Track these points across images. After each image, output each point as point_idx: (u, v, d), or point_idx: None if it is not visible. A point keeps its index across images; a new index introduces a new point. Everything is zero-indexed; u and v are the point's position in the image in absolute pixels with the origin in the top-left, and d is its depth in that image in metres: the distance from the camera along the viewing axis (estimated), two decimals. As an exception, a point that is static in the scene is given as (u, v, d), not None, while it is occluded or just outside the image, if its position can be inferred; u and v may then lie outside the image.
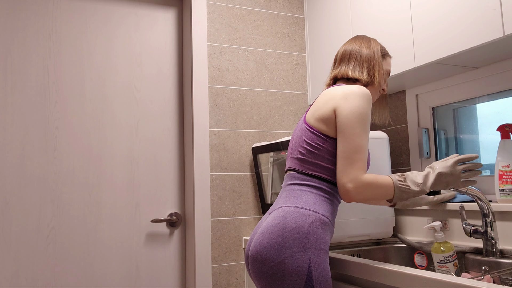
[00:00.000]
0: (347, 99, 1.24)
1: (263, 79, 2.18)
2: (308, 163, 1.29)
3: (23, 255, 1.77)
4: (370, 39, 1.46)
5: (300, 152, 1.31)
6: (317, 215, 1.22)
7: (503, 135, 1.53)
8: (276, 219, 1.23)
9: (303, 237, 1.18)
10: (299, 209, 1.23)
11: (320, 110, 1.30)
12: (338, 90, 1.29)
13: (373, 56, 1.42)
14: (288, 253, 1.17)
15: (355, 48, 1.44)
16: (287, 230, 1.19)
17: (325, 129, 1.28)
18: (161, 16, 2.11)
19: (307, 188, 1.27)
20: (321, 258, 1.18)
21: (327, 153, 1.27)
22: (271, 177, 2.00)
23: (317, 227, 1.21)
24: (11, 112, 1.81)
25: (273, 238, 1.19)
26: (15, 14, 1.85)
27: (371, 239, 1.80)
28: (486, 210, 1.42)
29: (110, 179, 1.93)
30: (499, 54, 1.51)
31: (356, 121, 1.22)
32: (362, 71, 1.40)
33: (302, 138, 1.32)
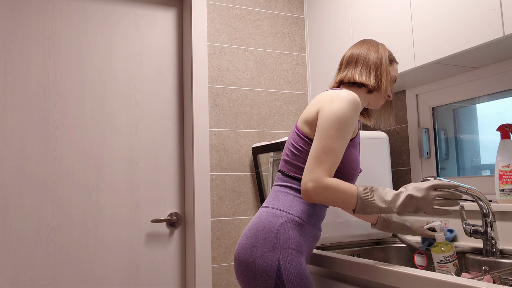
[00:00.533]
0: (332, 102, 1.22)
1: (263, 79, 2.18)
2: (291, 165, 1.29)
3: (23, 255, 1.77)
4: (378, 44, 1.43)
5: (286, 153, 1.32)
6: (289, 216, 1.22)
7: (503, 135, 1.53)
8: (254, 220, 1.26)
9: (272, 237, 1.19)
10: (273, 209, 1.24)
11: (306, 112, 1.30)
12: (327, 93, 1.28)
13: (381, 61, 1.39)
14: (258, 253, 1.18)
15: (363, 52, 1.41)
16: (260, 230, 1.21)
17: (308, 131, 1.27)
18: (161, 16, 2.11)
19: (286, 189, 1.28)
20: (292, 257, 1.18)
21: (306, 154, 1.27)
22: (271, 177, 2.00)
23: (288, 228, 1.21)
24: (11, 112, 1.81)
25: (248, 239, 1.23)
26: (15, 14, 1.85)
27: (371, 239, 1.80)
28: (486, 210, 1.42)
29: (110, 179, 1.93)
30: (499, 54, 1.51)
31: (333, 123, 1.19)
32: (369, 75, 1.37)
33: (289, 141, 1.33)
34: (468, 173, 1.82)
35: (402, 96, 2.05)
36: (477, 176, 1.73)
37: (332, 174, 1.17)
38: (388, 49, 1.44)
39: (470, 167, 1.82)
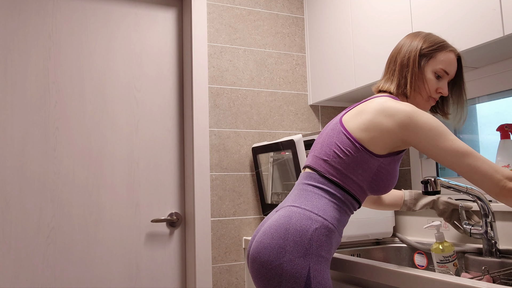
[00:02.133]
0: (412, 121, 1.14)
1: (263, 79, 2.18)
2: (331, 168, 1.20)
3: (23, 255, 1.77)
4: (418, 36, 1.29)
5: (327, 153, 1.22)
6: (324, 222, 1.15)
7: (503, 135, 1.53)
8: (281, 218, 1.16)
9: (305, 242, 1.12)
10: (306, 211, 1.16)
11: (369, 121, 1.18)
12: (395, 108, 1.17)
13: (407, 60, 1.26)
14: (287, 257, 1.11)
15: (395, 53, 1.31)
16: (290, 232, 1.13)
17: (366, 140, 1.18)
18: (161, 16, 2.11)
19: (321, 191, 1.20)
20: (322, 266, 1.12)
21: (355, 163, 1.18)
22: (271, 177, 2.00)
23: (322, 234, 1.14)
24: (11, 112, 1.81)
25: (274, 239, 1.13)
26: (15, 14, 1.86)
27: (371, 239, 1.80)
28: (486, 210, 1.42)
29: (110, 179, 1.93)
30: (499, 54, 1.51)
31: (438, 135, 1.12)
32: (393, 81, 1.28)
33: (333, 141, 1.22)
34: (468, 173, 1.82)
35: (402, 96, 2.05)
36: (477, 176, 1.72)
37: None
38: (432, 39, 1.28)
39: (470, 167, 1.82)
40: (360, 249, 1.75)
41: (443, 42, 1.28)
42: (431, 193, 1.38)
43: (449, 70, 1.26)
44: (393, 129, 1.16)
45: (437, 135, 1.12)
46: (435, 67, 1.25)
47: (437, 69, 1.25)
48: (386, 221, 1.80)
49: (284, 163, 1.98)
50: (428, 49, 1.26)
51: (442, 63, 1.25)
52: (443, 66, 1.25)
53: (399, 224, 1.93)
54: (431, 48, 1.26)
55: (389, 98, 1.21)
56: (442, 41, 1.28)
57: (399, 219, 1.94)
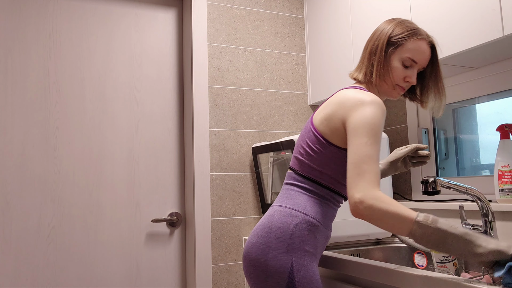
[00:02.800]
0: (358, 109, 1.13)
1: (263, 79, 2.18)
2: (305, 165, 1.24)
3: (24, 255, 1.77)
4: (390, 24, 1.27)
5: (300, 152, 1.26)
6: (304, 217, 1.18)
7: (502, 135, 1.53)
8: (266, 218, 1.22)
9: (287, 238, 1.15)
10: (287, 209, 1.20)
11: (327, 112, 1.21)
12: (350, 96, 1.18)
13: (376, 48, 1.25)
14: (272, 254, 1.15)
15: (368, 40, 1.30)
16: (273, 230, 1.17)
17: (327, 133, 1.20)
18: (161, 16, 2.12)
19: (300, 189, 1.23)
20: (305, 260, 1.15)
21: (326, 159, 1.20)
22: (271, 177, 2.01)
23: (303, 229, 1.17)
24: (11, 112, 1.81)
25: (259, 238, 1.18)
26: (16, 14, 1.86)
27: (371, 239, 1.80)
28: (485, 210, 1.43)
29: (111, 179, 1.94)
30: (499, 54, 1.51)
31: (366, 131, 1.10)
32: (361, 69, 1.28)
33: (304, 138, 1.26)
34: (467, 173, 1.83)
35: (402, 96, 2.06)
36: (476, 176, 1.73)
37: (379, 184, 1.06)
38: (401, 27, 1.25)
39: (470, 167, 1.83)
40: (360, 249, 1.75)
41: (414, 29, 1.24)
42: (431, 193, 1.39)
43: (418, 59, 1.23)
44: (342, 117, 1.17)
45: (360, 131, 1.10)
46: (402, 56, 1.23)
47: (404, 57, 1.22)
48: (386, 221, 1.80)
49: (284, 163, 1.98)
50: (397, 37, 1.23)
51: (410, 51, 1.22)
52: (410, 55, 1.22)
53: (399, 224, 1.93)
54: (399, 36, 1.23)
55: (353, 89, 1.21)
56: (413, 29, 1.24)
57: (399, 219, 1.94)
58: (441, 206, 1.73)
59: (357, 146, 1.09)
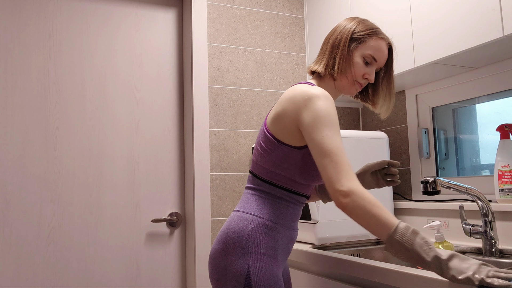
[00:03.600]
0: (308, 106, 1.13)
1: (263, 79, 2.18)
2: (261, 168, 1.23)
3: (24, 255, 1.77)
4: (352, 21, 1.29)
5: (256, 154, 1.25)
6: (260, 220, 1.18)
7: (502, 135, 1.53)
8: (225, 224, 1.23)
9: (243, 243, 1.15)
10: (243, 214, 1.20)
11: (279, 113, 1.20)
12: (298, 95, 1.16)
13: (338, 42, 1.25)
14: (230, 259, 1.16)
15: (329, 34, 1.30)
16: (230, 235, 1.18)
17: (277, 132, 1.19)
18: (161, 16, 2.12)
19: (257, 192, 1.23)
20: (263, 263, 1.14)
21: (278, 159, 1.19)
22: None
23: (259, 233, 1.17)
24: (11, 112, 1.81)
25: (219, 244, 1.20)
26: (16, 14, 1.86)
27: (371, 239, 1.80)
28: (485, 210, 1.43)
29: (111, 179, 1.94)
30: (499, 54, 1.51)
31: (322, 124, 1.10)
32: (322, 62, 1.28)
33: (259, 140, 1.25)
34: (467, 173, 1.83)
35: (402, 96, 2.06)
36: (476, 176, 1.73)
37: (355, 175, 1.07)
38: (364, 25, 1.27)
39: (470, 167, 1.83)
40: (360, 249, 1.75)
41: (376, 28, 1.27)
42: (431, 193, 1.39)
43: (378, 57, 1.26)
44: (292, 114, 1.15)
45: (317, 125, 1.09)
46: (364, 52, 1.25)
47: (366, 54, 1.25)
48: (386, 221, 1.80)
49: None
50: (360, 33, 1.25)
51: (371, 48, 1.25)
52: (372, 52, 1.25)
53: (399, 224, 1.93)
54: (363, 33, 1.25)
55: (300, 84, 1.20)
56: (375, 28, 1.28)
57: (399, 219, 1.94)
58: (441, 206, 1.73)
59: (321, 140, 1.08)
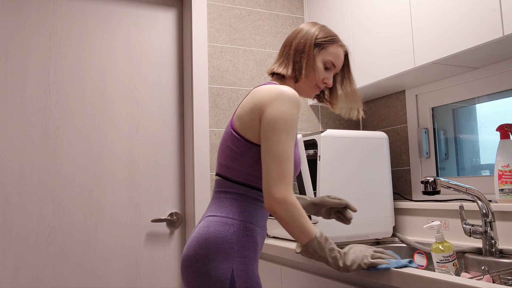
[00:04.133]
0: (273, 104, 1.16)
1: (263, 79, 2.18)
2: (233, 170, 1.24)
3: (24, 255, 1.77)
4: (314, 26, 1.34)
5: (225, 157, 1.25)
6: (240, 223, 1.19)
7: (502, 135, 1.53)
8: (201, 229, 1.20)
9: (226, 247, 1.16)
10: (222, 218, 1.20)
11: (247, 114, 1.22)
12: (265, 91, 1.20)
13: (303, 47, 1.30)
14: (212, 264, 1.14)
15: (291, 37, 1.35)
16: (211, 241, 1.16)
17: (248, 133, 1.21)
18: (161, 16, 2.12)
19: (231, 195, 1.23)
20: (246, 265, 1.17)
21: (251, 159, 1.21)
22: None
23: (242, 235, 1.18)
24: (11, 112, 1.81)
25: (197, 250, 1.17)
26: (16, 14, 1.86)
27: (371, 239, 1.80)
28: (485, 210, 1.43)
29: (111, 179, 1.94)
30: (499, 54, 1.51)
31: (281, 128, 1.14)
32: (288, 65, 1.31)
33: (227, 143, 1.25)
34: (467, 173, 1.83)
35: (402, 96, 2.06)
36: (476, 176, 1.73)
37: (292, 184, 1.15)
38: (326, 31, 1.34)
39: (470, 167, 1.83)
40: (360, 249, 1.75)
41: (335, 36, 1.35)
42: (431, 193, 1.39)
43: (336, 63, 1.33)
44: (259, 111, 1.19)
45: (277, 127, 1.14)
46: (325, 58, 1.31)
47: (327, 60, 1.31)
48: (386, 221, 1.80)
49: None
50: (322, 40, 1.31)
51: (332, 55, 1.32)
52: (332, 58, 1.32)
53: (399, 224, 1.94)
54: (324, 39, 1.31)
55: (269, 84, 1.24)
56: (335, 35, 1.35)
57: (399, 219, 1.94)
58: (441, 206, 1.73)
59: (275, 143, 1.13)
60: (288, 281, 1.64)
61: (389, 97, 2.13)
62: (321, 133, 1.72)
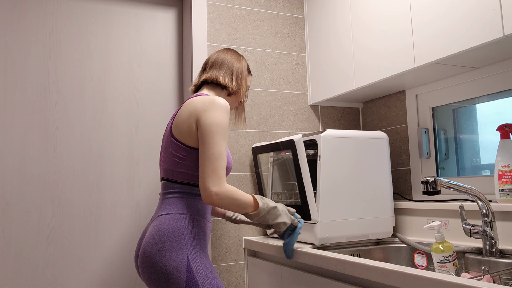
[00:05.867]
0: (208, 111, 1.37)
1: (263, 79, 2.18)
2: (177, 173, 1.42)
3: (24, 255, 1.77)
4: (240, 56, 1.65)
5: (169, 163, 1.44)
6: (190, 217, 1.38)
7: (502, 135, 1.53)
8: (155, 228, 1.36)
9: (179, 238, 1.33)
10: (173, 215, 1.38)
11: (184, 123, 1.41)
12: (199, 101, 1.40)
13: (242, 70, 1.61)
14: (168, 255, 1.31)
15: (227, 58, 1.60)
16: (165, 235, 1.33)
17: (187, 140, 1.40)
18: (161, 16, 2.11)
19: (178, 195, 1.41)
20: (198, 252, 1.35)
21: (193, 162, 1.40)
22: (271, 177, 2.00)
23: (192, 227, 1.37)
24: (11, 112, 1.81)
25: (154, 246, 1.33)
26: (15, 14, 1.86)
27: (371, 239, 1.80)
28: (485, 210, 1.43)
29: (110, 179, 1.94)
30: (499, 54, 1.51)
31: (216, 131, 1.35)
32: (231, 80, 1.57)
33: (169, 150, 1.44)
34: (468, 173, 1.83)
35: (402, 96, 2.06)
36: (477, 176, 1.73)
37: (225, 177, 1.34)
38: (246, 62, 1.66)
39: (470, 167, 1.83)
40: (360, 249, 1.75)
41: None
42: (431, 193, 1.39)
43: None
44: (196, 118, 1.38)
45: (212, 131, 1.35)
46: (248, 83, 1.66)
47: (248, 84, 1.67)
48: (386, 221, 1.80)
49: (284, 163, 1.98)
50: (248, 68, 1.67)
51: (249, 81, 1.69)
52: (249, 84, 1.69)
53: (399, 224, 1.94)
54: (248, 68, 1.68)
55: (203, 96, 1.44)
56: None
57: (399, 219, 1.94)
58: (441, 206, 1.73)
59: (211, 144, 1.33)
60: (288, 281, 1.64)
61: (389, 97, 2.13)
62: (321, 133, 1.71)
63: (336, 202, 1.70)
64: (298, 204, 1.76)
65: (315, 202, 1.67)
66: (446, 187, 1.40)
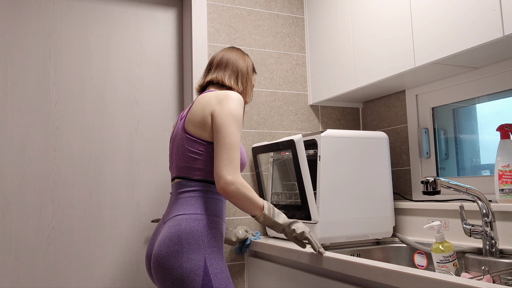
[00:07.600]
0: (222, 103, 1.37)
1: (263, 79, 2.18)
2: (193, 169, 1.40)
3: (23, 255, 1.77)
4: (245, 54, 1.62)
5: (185, 160, 1.41)
6: (208, 218, 1.35)
7: (502, 135, 1.53)
8: (171, 228, 1.33)
9: (198, 240, 1.30)
10: (191, 215, 1.34)
11: (195, 116, 1.40)
12: (212, 96, 1.40)
13: (247, 71, 1.59)
14: (185, 257, 1.28)
15: (232, 58, 1.58)
16: (183, 236, 1.30)
17: (203, 134, 1.39)
18: (161, 16, 2.11)
19: (194, 193, 1.39)
20: (215, 254, 1.32)
21: (209, 157, 1.39)
22: (271, 177, 2.00)
23: (210, 228, 1.34)
24: (11, 112, 1.81)
25: (170, 247, 1.29)
26: (15, 14, 1.86)
27: (371, 239, 1.80)
28: (485, 210, 1.43)
29: (110, 179, 1.93)
30: (499, 54, 1.51)
31: (231, 121, 1.34)
32: (237, 81, 1.55)
33: (184, 147, 1.41)
34: (468, 173, 1.83)
35: (402, 96, 2.06)
36: (477, 176, 1.73)
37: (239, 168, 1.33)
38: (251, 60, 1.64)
39: (470, 167, 1.83)
40: (360, 249, 1.75)
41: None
42: (431, 193, 1.39)
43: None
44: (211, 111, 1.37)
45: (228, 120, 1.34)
46: (253, 82, 1.64)
47: (253, 84, 1.64)
48: (386, 221, 1.80)
49: (284, 163, 1.98)
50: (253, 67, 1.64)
51: (254, 80, 1.66)
52: (254, 83, 1.65)
53: (399, 224, 1.94)
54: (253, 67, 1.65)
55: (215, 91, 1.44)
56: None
57: (399, 219, 1.94)
58: (441, 206, 1.73)
59: (227, 134, 1.32)
60: (288, 281, 1.64)
61: (389, 97, 2.13)
62: (321, 133, 1.71)
63: (336, 202, 1.70)
64: (298, 204, 1.76)
65: (315, 202, 1.67)
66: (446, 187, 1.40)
